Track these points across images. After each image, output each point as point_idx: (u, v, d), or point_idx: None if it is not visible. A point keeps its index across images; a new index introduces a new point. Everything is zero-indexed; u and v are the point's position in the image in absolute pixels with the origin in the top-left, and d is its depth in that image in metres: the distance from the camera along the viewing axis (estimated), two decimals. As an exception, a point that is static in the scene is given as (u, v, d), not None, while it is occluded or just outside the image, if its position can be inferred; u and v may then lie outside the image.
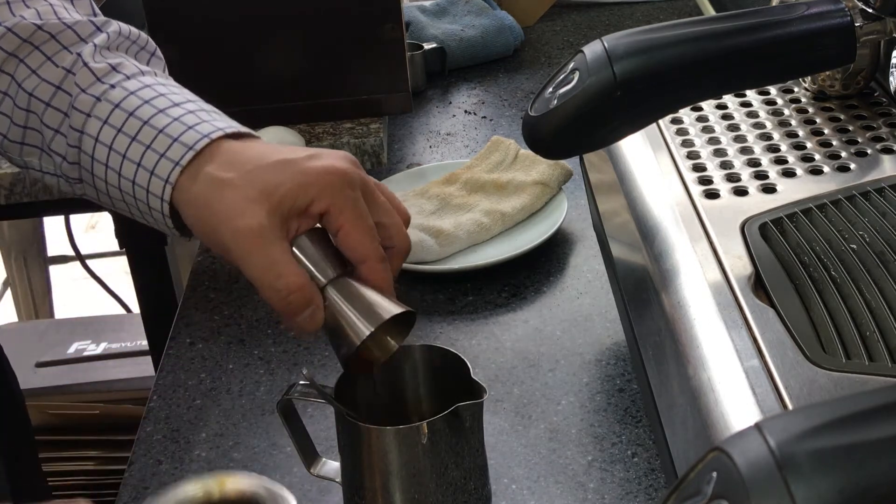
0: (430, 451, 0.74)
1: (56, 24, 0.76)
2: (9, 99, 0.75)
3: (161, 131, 0.71)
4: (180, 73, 1.24)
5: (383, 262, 0.70)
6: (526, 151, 1.23)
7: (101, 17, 0.79)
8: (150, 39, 0.81)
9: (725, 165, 0.80)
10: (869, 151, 0.80)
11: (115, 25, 0.78)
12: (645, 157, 0.83)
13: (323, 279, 0.70)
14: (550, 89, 0.72)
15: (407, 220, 0.74)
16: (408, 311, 0.71)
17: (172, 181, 0.70)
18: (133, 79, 0.74)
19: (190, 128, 0.71)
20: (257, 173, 0.69)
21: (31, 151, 0.76)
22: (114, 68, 0.74)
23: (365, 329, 0.70)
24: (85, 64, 0.74)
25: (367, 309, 0.70)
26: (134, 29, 0.80)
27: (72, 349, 1.73)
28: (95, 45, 0.75)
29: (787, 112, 0.87)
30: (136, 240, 1.45)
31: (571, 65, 0.72)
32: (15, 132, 0.76)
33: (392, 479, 0.75)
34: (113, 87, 0.73)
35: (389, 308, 0.70)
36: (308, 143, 1.25)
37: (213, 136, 0.71)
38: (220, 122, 0.73)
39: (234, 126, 0.73)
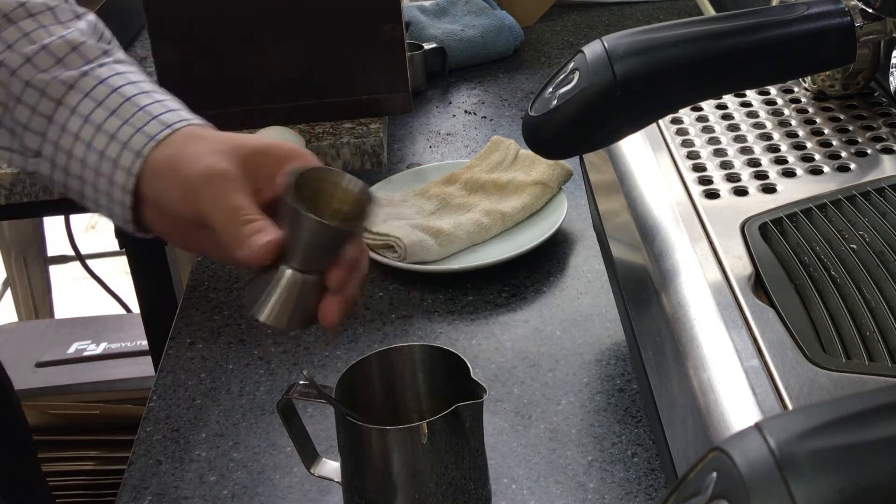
0: (430, 451, 0.74)
1: (39, 4, 0.77)
2: None
3: (142, 108, 0.73)
4: (180, 73, 1.26)
5: None
6: (526, 151, 1.23)
7: (78, 8, 0.80)
8: (116, 40, 0.81)
9: (725, 165, 0.80)
10: (869, 151, 0.80)
11: (92, 17, 0.80)
12: (645, 157, 0.83)
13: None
14: (550, 89, 0.72)
15: None
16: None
17: (145, 154, 0.71)
18: (122, 64, 0.77)
19: (172, 110, 0.73)
20: (228, 134, 0.72)
21: None
22: (105, 52, 0.77)
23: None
24: (70, 43, 0.76)
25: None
26: (105, 28, 0.81)
27: (72, 349, 1.72)
28: (79, 29, 0.77)
29: (787, 112, 0.87)
30: (136, 240, 1.44)
31: (571, 65, 0.72)
32: None
33: (392, 479, 0.75)
34: (102, 65, 0.75)
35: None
36: (308, 143, 1.25)
37: (193, 121, 0.74)
38: (197, 118, 0.75)
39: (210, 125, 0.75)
